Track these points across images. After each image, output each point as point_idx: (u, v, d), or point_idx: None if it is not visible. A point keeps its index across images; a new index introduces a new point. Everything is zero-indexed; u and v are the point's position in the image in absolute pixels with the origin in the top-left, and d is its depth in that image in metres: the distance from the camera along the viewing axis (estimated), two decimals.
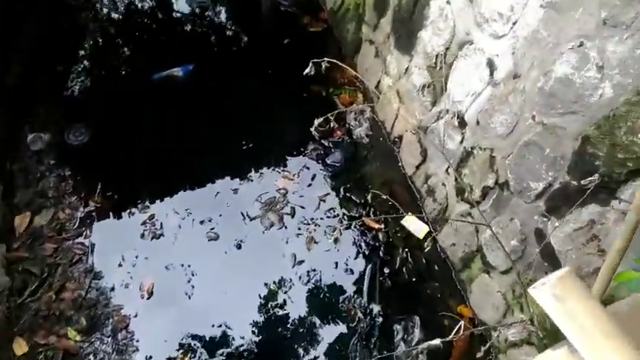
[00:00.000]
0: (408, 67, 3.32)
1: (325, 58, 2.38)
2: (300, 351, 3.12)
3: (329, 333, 3.17)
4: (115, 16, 4.57)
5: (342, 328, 3.18)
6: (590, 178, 1.92)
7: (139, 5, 4.68)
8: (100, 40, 4.38)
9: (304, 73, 2.38)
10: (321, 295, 3.28)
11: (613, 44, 1.87)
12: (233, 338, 3.14)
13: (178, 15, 4.61)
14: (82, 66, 4.21)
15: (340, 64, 2.46)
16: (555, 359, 0.90)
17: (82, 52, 4.28)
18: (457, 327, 2.20)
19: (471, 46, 2.70)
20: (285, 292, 3.27)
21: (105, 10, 4.58)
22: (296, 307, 3.24)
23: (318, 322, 3.21)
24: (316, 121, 2.44)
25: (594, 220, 2.09)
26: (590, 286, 1.90)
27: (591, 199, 2.07)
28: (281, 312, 3.22)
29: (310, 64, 2.39)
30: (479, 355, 2.39)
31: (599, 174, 1.98)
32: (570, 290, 0.85)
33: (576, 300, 0.84)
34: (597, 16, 1.91)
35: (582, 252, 2.18)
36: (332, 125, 2.53)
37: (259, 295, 3.26)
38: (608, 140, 1.96)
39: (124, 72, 4.18)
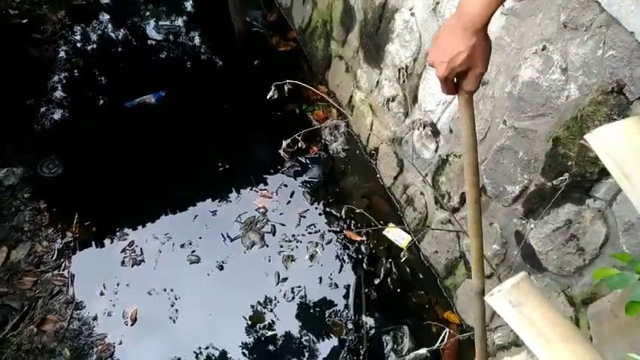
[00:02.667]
0: (378, 81, 3.37)
1: (287, 80, 2.35)
2: None
3: (318, 348, 3.15)
4: (83, 47, 4.55)
5: (330, 342, 3.16)
6: (560, 178, 1.97)
7: (107, 35, 4.66)
8: (69, 72, 4.35)
9: (267, 97, 2.34)
10: (308, 311, 3.26)
11: (575, 46, 1.93)
12: (221, 359, 3.10)
13: (147, 42, 4.61)
14: (51, 98, 4.17)
15: (302, 84, 2.43)
16: None
17: (51, 84, 4.23)
18: (443, 334, 2.21)
19: None
20: (271, 311, 3.25)
21: (72, 42, 4.55)
22: (283, 324, 3.21)
23: (305, 338, 3.18)
24: (284, 142, 2.39)
25: (571, 219, 2.14)
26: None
27: (567, 199, 2.12)
28: (268, 330, 3.19)
29: (273, 88, 2.35)
30: None
31: (572, 174, 2.03)
32: (526, 296, 0.86)
33: (532, 306, 0.85)
34: (557, 20, 1.98)
35: (562, 252, 2.22)
36: (305, 144, 2.49)
37: (245, 315, 3.22)
38: (578, 140, 2.01)
39: (95, 102, 4.15)
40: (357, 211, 2.48)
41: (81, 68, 4.38)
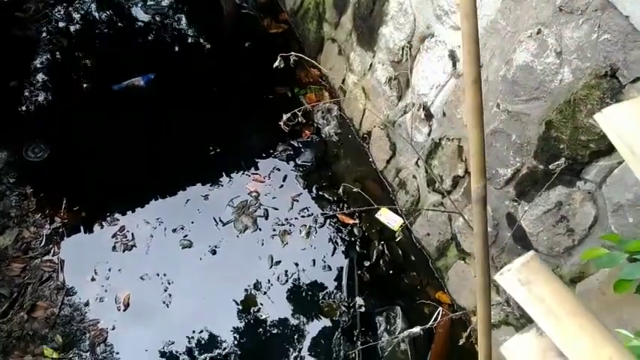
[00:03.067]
0: (372, 64, 3.36)
1: (293, 52, 2.40)
2: (284, 350, 3.13)
3: (312, 330, 3.19)
4: (68, 26, 4.44)
5: (324, 324, 3.20)
6: (557, 163, 2.00)
7: (93, 14, 4.55)
8: (55, 52, 4.24)
9: (274, 65, 2.39)
10: (301, 294, 3.29)
11: (570, 30, 1.95)
12: (216, 343, 3.12)
13: (134, 23, 4.51)
14: (36, 80, 4.08)
15: (306, 58, 2.48)
16: (524, 342, 0.93)
17: (35, 66, 4.14)
18: (436, 314, 2.25)
19: (432, 39, 2.76)
20: (265, 294, 3.27)
21: (57, 21, 4.43)
22: (276, 307, 3.24)
23: (299, 320, 3.22)
24: (285, 116, 2.48)
25: (561, 201, 2.18)
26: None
27: (558, 182, 2.16)
28: (262, 313, 3.22)
29: (279, 58, 2.41)
30: (460, 340, 2.44)
31: (565, 157, 2.07)
32: (535, 274, 0.88)
33: (541, 283, 0.87)
34: (553, 3, 1.99)
35: (552, 233, 2.26)
36: (300, 121, 2.56)
37: (238, 299, 3.24)
38: (571, 124, 2.04)
39: (81, 84, 4.07)
40: (354, 194, 2.50)
41: (66, 49, 4.27)
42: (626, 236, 1.94)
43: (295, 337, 3.17)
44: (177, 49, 4.38)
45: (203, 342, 3.11)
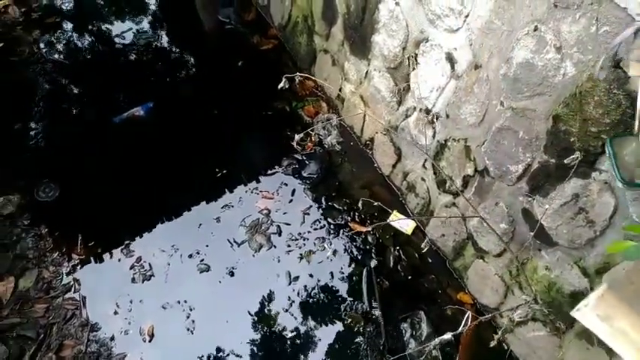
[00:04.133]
0: (367, 72, 3.36)
1: (298, 73, 2.42)
2: None
3: (338, 343, 3.19)
4: (62, 64, 4.45)
5: (349, 336, 3.19)
6: (572, 157, 2.00)
7: (86, 51, 4.57)
8: (53, 91, 4.26)
9: (279, 87, 2.40)
10: (323, 307, 3.29)
11: (567, 25, 1.95)
12: None
13: (127, 54, 4.52)
14: (39, 120, 4.09)
15: (310, 77, 2.49)
16: None
17: (36, 107, 4.15)
18: (465, 318, 2.23)
19: (427, 43, 2.75)
20: (287, 310, 3.27)
21: (51, 61, 4.44)
22: (300, 322, 3.24)
23: (324, 334, 3.22)
24: (297, 136, 2.49)
25: (578, 193, 2.17)
26: None
27: (572, 174, 2.15)
28: (286, 330, 3.22)
29: (284, 79, 2.41)
30: (491, 342, 2.42)
31: (577, 149, 2.06)
32: (613, 308, 0.88)
33: (621, 317, 0.87)
34: (547, 0, 1.99)
35: (572, 225, 2.25)
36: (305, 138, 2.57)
37: (261, 318, 3.25)
38: (579, 116, 2.03)
39: (82, 120, 4.08)
40: (364, 201, 2.51)
41: (64, 86, 4.30)
42: None
43: (322, 351, 3.17)
44: (171, 74, 4.39)
45: None
